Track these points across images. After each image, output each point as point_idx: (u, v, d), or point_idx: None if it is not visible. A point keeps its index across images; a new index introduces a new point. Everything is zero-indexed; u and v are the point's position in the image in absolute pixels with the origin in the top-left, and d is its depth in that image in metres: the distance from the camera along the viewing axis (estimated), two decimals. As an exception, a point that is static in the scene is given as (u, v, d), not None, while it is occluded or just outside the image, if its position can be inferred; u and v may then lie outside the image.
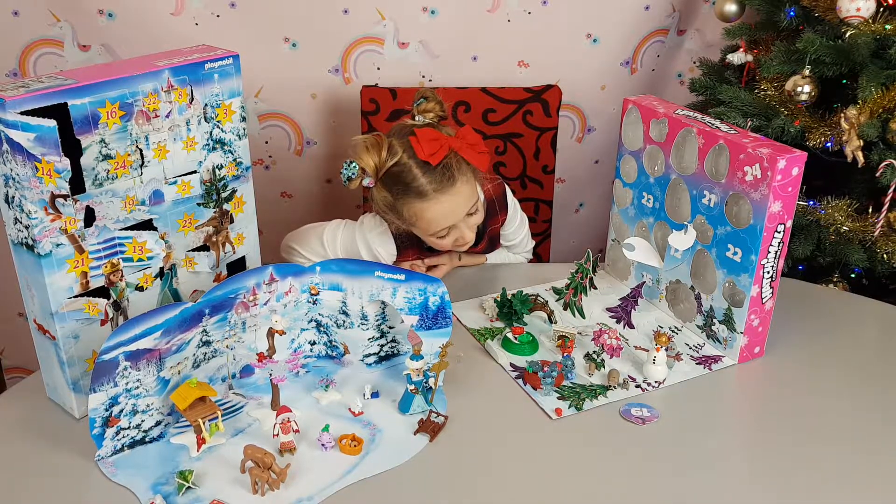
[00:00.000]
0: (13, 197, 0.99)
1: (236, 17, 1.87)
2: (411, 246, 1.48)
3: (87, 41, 1.84)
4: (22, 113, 0.94)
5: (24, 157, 0.96)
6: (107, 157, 1.04)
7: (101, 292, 1.09)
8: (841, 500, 0.99)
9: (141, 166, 1.09)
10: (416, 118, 1.39)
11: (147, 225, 1.12)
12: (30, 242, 1.01)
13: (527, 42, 1.98)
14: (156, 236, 1.13)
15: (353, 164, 1.33)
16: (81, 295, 1.07)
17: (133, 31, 1.82)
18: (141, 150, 1.08)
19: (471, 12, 1.94)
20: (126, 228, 1.10)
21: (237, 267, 1.27)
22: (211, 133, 1.17)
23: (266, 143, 2.04)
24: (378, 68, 1.98)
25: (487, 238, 1.54)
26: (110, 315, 1.11)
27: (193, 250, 1.20)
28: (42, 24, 1.81)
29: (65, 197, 1.01)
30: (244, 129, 1.21)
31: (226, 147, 1.19)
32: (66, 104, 0.98)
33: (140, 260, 1.12)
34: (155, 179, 1.12)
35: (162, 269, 1.16)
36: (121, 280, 1.11)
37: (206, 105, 1.14)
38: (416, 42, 1.96)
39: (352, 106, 1.94)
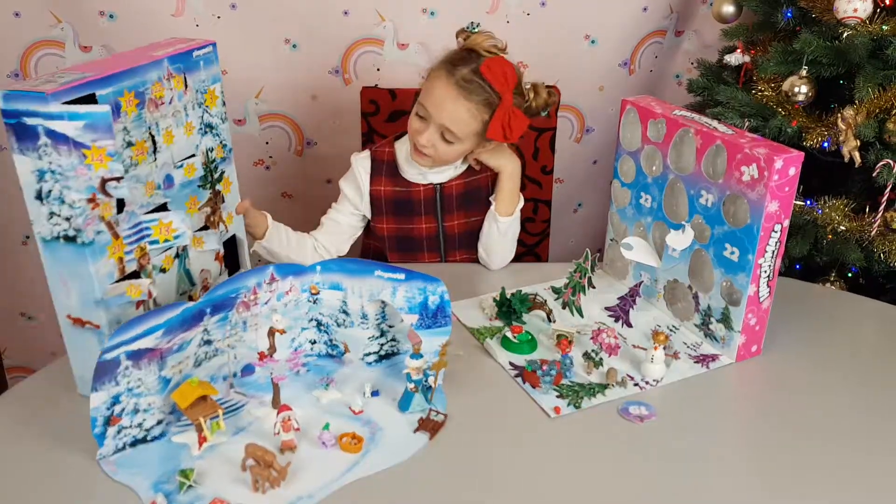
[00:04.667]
0: (49, 191, 1.00)
1: (237, 19, 1.88)
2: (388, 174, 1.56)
3: (88, 42, 1.85)
4: (69, 102, 0.96)
5: (69, 147, 0.97)
6: (129, 144, 1.07)
7: (134, 276, 1.11)
8: (839, 499, 0.99)
9: (154, 152, 1.12)
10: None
11: (163, 208, 1.16)
12: (71, 234, 1.02)
13: (525, 43, 1.99)
14: (181, 214, 1.16)
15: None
16: (122, 279, 1.09)
17: (134, 33, 1.83)
18: (153, 137, 1.12)
19: (470, 14, 1.94)
20: (148, 212, 1.13)
21: (230, 245, 1.34)
22: (202, 118, 1.21)
23: (266, 143, 2.04)
24: (378, 69, 1.99)
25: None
26: (154, 295, 1.13)
27: (199, 230, 1.24)
28: (43, 25, 1.82)
29: (118, 179, 1.03)
30: (225, 113, 1.27)
31: (213, 130, 1.24)
32: (94, 95, 1.00)
33: (166, 241, 1.14)
34: (167, 164, 1.15)
35: (177, 250, 1.20)
36: (148, 263, 1.14)
37: (196, 91, 1.19)
38: (416, 43, 1.97)
39: (352, 107, 1.95)
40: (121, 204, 1.06)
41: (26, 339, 2.19)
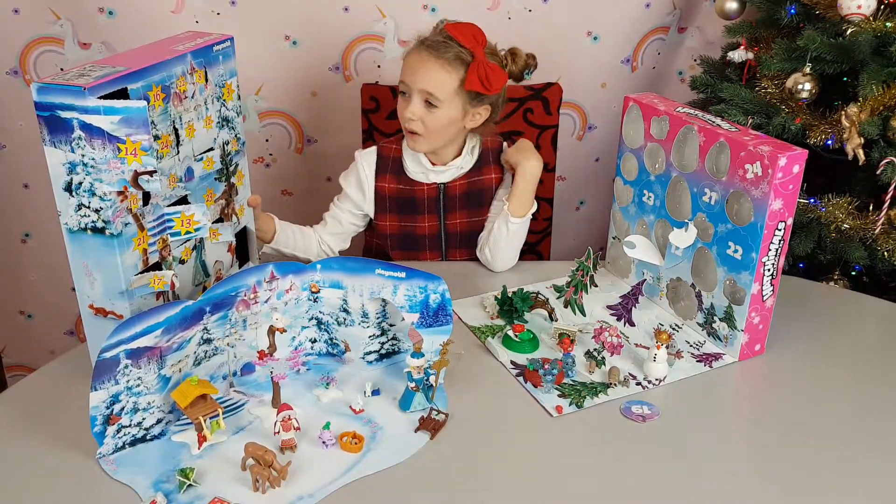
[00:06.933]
0: (80, 183, 1.01)
1: (236, 15, 1.87)
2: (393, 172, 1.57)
3: (88, 39, 1.84)
4: (105, 97, 0.97)
5: (103, 141, 0.98)
6: (156, 137, 1.08)
7: (156, 268, 1.12)
8: (841, 498, 0.99)
9: (177, 145, 1.14)
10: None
11: (183, 201, 1.17)
12: (99, 226, 1.03)
13: (527, 40, 1.97)
14: (203, 207, 1.16)
15: None
16: (145, 270, 1.10)
17: (133, 29, 1.82)
18: (176, 130, 1.13)
19: (471, 10, 1.94)
20: (170, 205, 1.14)
21: (241, 236, 1.35)
22: (220, 111, 1.23)
23: (266, 141, 2.04)
24: (378, 66, 1.98)
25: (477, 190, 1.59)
26: (176, 286, 1.14)
27: (215, 222, 1.26)
28: (42, 22, 1.81)
29: (151, 173, 1.03)
30: (240, 107, 1.28)
31: (229, 124, 1.26)
32: (126, 89, 1.01)
33: (188, 233, 1.15)
34: (188, 157, 1.17)
35: (195, 241, 1.21)
36: (169, 255, 1.15)
37: (215, 85, 1.21)
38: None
39: (352, 104, 1.94)
40: (146, 196, 1.08)
41: (26, 337, 2.18)
